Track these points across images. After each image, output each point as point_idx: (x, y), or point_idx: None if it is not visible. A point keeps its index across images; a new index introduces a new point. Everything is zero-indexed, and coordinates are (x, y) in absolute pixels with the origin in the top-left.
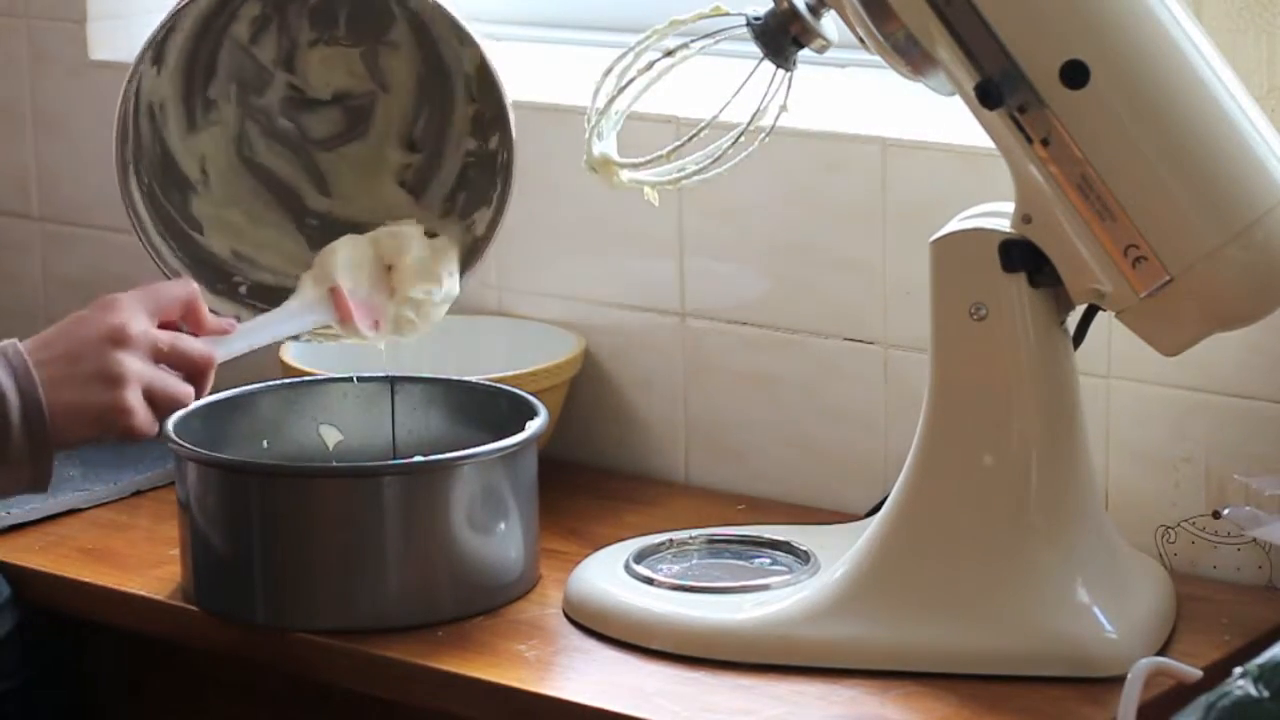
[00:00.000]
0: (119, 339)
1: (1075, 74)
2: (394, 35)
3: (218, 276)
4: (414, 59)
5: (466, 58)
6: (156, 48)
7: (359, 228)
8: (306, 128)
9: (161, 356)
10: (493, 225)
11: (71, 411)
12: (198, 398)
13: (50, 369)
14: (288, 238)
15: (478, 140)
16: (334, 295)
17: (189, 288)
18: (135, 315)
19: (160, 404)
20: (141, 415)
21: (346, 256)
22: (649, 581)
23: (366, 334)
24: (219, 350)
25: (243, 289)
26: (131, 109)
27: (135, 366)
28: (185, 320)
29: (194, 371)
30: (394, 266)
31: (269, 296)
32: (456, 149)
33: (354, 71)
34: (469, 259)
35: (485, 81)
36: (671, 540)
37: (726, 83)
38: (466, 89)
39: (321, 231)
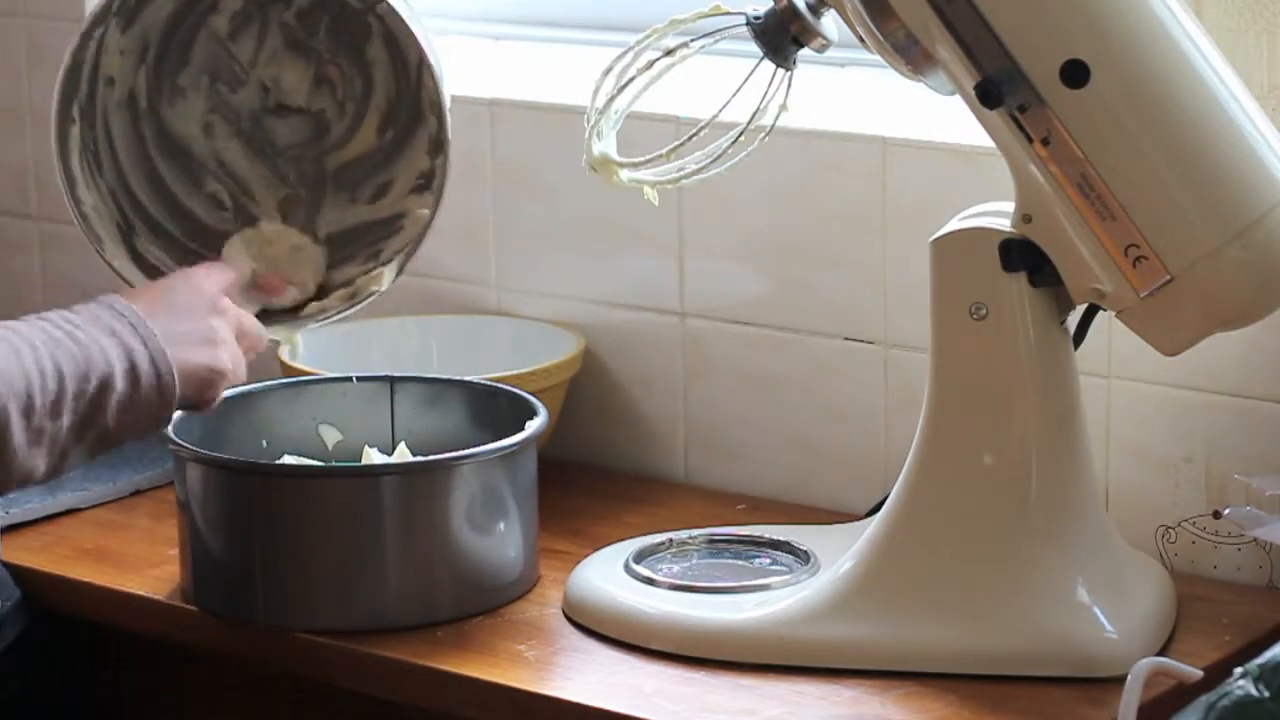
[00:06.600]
0: (218, 308)
1: (1075, 74)
2: (370, 53)
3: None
4: (387, 83)
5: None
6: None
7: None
8: (273, 132)
9: (238, 333)
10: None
11: (184, 370)
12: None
13: (164, 330)
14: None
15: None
16: (257, 279)
17: (228, 273)
18: (220, 289)
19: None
20: (230, 379)
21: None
22: (649, 581)
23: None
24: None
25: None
26: (88, 71)
27: (227, 335)
28: None
29: (250, 349)
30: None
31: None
32: (408, 172)
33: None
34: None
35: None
36: (671, 540)
37: (726, 82)
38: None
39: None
